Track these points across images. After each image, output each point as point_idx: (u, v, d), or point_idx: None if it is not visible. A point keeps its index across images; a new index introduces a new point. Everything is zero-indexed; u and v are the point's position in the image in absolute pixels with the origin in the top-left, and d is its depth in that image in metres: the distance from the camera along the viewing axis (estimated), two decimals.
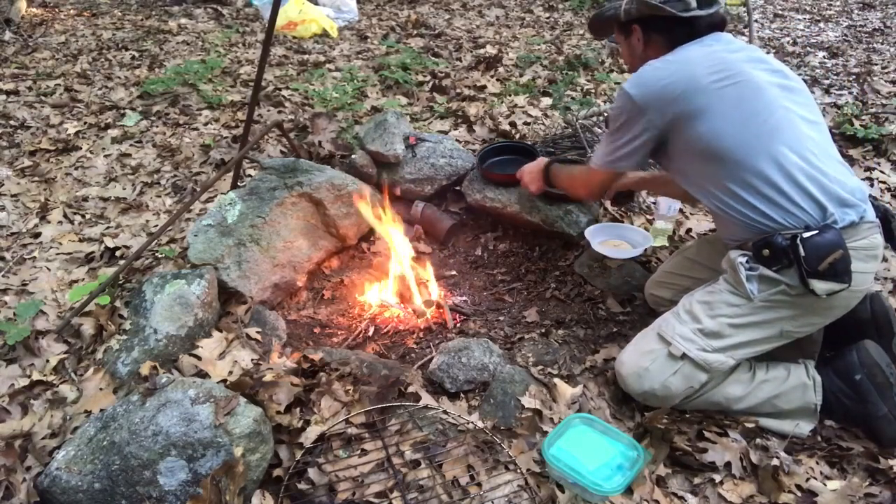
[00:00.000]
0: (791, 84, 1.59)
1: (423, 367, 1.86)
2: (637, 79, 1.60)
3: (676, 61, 1.59)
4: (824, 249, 1.40)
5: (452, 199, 2.74)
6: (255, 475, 1.42)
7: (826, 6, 6.77)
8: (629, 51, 1.80)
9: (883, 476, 1.51)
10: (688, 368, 1.55)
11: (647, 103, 1.55)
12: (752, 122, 1.50)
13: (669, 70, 1.57)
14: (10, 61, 4.55)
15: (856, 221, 1.47)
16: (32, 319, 1.96)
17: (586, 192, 1.95)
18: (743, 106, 1.51)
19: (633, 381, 1.61)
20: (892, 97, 3.89)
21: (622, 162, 1.66)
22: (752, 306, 1.52)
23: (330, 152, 2.85)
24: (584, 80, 4.20)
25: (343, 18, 5.75)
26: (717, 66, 1.54)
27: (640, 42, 1.74)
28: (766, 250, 1.48)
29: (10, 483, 1.48)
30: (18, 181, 2.90)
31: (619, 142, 1.64)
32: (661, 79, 1.56)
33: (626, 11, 1.72)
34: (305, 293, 2.31)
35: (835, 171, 1.51)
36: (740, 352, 1.56)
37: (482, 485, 1.45)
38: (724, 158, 1.51)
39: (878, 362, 1.58)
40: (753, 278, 1.51)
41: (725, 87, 1.51)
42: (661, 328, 1.62)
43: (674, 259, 2.01)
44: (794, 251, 1.43)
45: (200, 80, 4.03)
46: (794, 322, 1.54)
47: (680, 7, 1.62)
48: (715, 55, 1.58)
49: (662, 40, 1.67)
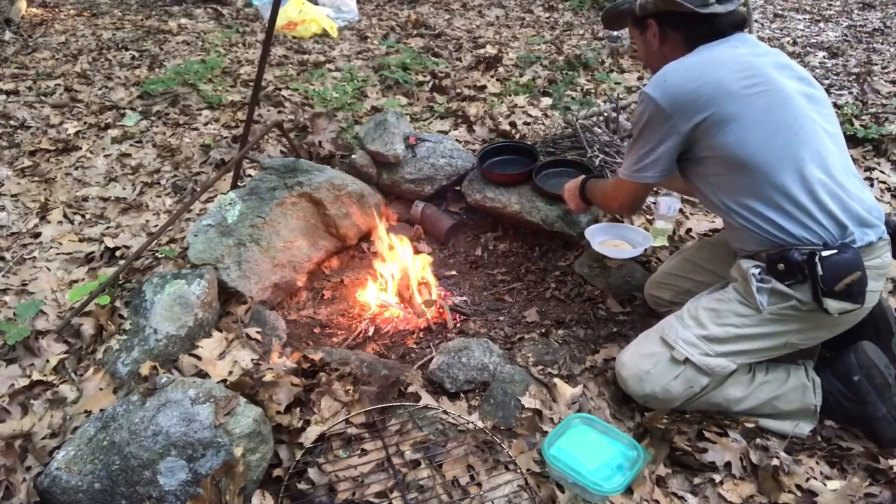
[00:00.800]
0: (816, 94, 1.54)
1: (423, 367, 1.86)
2: (661, 82, 1.51)
3: (702, 63, 1.51)
4: (843, 269, 1.38)
5: (452, 199, 2.74)
6: (255, 475, 1.42)
7: (826, 6, 6.77)
8: (644, 47, 1.71)
9: (883, 476, 1.51)
10: (689, 372, 1.55)
11: (674, 108, 1.48)
12: (781, 133, 1.45)
13: (696, 73, 1.49)
14: (10, 61, 4.55)
15: (874, 241, 1.45)
16: (32, 319, 1.96)
17: (618, 206, 1.88)
18: (773, 116, 1.45)
19: (634, 383, 1.60)
20: (892, 97, 3.89)
21: (648, 171, 1.59)
22: (760, 318, 1.51)
23: (330, 152, 2.85)
24: (584, 80, 4.20)
25: (343, 18, 5.75)
26: (746, 72, 1.47)
27: (655, 38, 1.65)
28: (781, 264, 1.45)
29: (10, 483, 1.48)
30: (18, 181, 2.90)
31: (643, 150, 1.57)
32: (687, 81, 1.48)
33: (641, 6, 1.63)
34: (305, 293, 2.31)
35: (854, 187, 1.48)
36: (742, 358, 1.57)
37: (482, 485, 1.45)
38: (749, 169, 1.45)
39: (877, 363, 1.58)
40: (764, 291, 1.48)
41: (755, 94, 1.45)
42: (664, 331, 1.61)
43: (674, 260, 2.00)
44: (810, 268, 1.40)
45: (200, 80, 4.03)
46: (800, 335, 1.54)
47: (698, 2, 1.53)
48: (742, 58, 1.50)
49: (679, 37, 1.60)
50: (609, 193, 1.86)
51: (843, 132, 3.13)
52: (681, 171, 1.65)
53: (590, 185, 2.00)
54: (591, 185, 1.99)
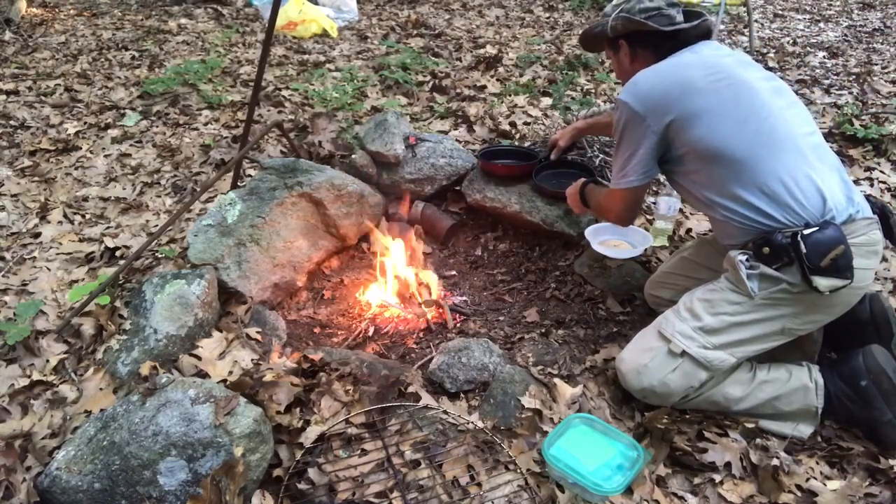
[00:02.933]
0: (781, 86, 1.63)
1: (423, 367, 1.86)
2: (633, 87, 1.61)
3: (670, 66, 1.61)
4: (825, 245, 1.41)
5: (452, 199, 2.74)
6: (255, 475, 1.42)
7: (826, 6, 6.77)
8: (618, 65, 1.82)
9: (883, 476, 1.51)
10: (688, 366, 1.55)
11: (646, 110, 1.56)
12: (750, 120, 1.51)
13: (664, 74, 1.59)
14: (10, 61, 4.55)
15: (853, 216, 1.48)
16: (32, 319, 1.96)
17: (614, 216, 1.85)
18: (740, 105, 1.52)
19: (633, 377, 1.61)
20: (892, 97, 3.89)
21: (632, 176, 1.65)
22: (753, 304, 1.52)
23: (330, 152, 2.85)
24: (584, 80, 4.20)
25: (343, 18, 5.75)
26: (711, 69, 1.56)
27: (627, 57, 1.76)
28: (765, 248, 1.48)
29: (10, 483, 1.48)
30: (18, 181, 2.90)
31: (624, 155, 1.65)
32: (656, 83, 1.58)
33: (612, 28, 1.75)
34: (305, 293, 2.31)
35: (828, 166, 1.53)
36: (741, 349, 1.56)
37: (482, 485, 1.45)
38: (724, 158, 1.52)
39: (885, 368, 1.57)
40: (754, 276, 1.51)
41: (721, 87, 1.53)
42: (661, 326, 1.63)
43: (673, 259, 2.00)
44: (794, 249, 1.43)
45: (200, 80, 4.03)
46: (796, 319, 1.54)
47: (664, 22, 1.65)
48: (707, 59, 1.61)
49: (648, 54, 1.70)
50: (603, 204, 1.90)
51: (844, 132, 3.16)
52: (665, 176, 1.74)
53: (588, 191, 2.01)
54: (590, 192, 2.00)
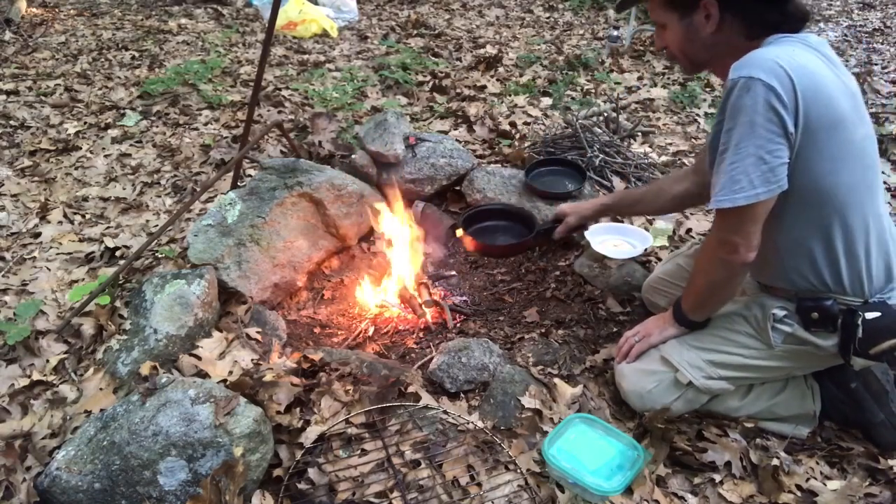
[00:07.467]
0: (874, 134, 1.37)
1: (423, 367, 1.86)
2: (774, 66, 1.16)
3: (810, 62, 1.22)
4: (884, 336, 1.30)
5: (452, 199, 2.74)
6: (255, 475, 1.42)
7: (826, 6, 6.77)
8: (684, 33, 1.34)
9: (883, 476, 1.51)
10: (691, 394, 1.56)
11: (790, 95, 1.17)
12: (869, 172, 1.30)
13: (812, 68, 1.20)
14: (10, 61, 4.55)
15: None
16: (32, 319, 1.96)
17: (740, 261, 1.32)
18: (867, 151, 1.29)
19: (635, 399, 1.61)
20: (892, 97, 3.89)
21: (761, 188, 1.20)
22: (770, 353, 1.49)
23: (330, 152, 2.85)
24: (584, 80, 4.20)
25: (343, 18, 5.75)
26: (850, 92, 1.27)
27: (709, 21, 1.30)
28: (815, 313, 1.36)
29: (10, 483, 1.48)
30: (18, 181, 2.90)
31: (750, 156, 1.19)
32: (805, 75, 1.18)
33: None
34: (305, 293, 2.31)
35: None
36: (743, 382, 1.58)
37: (482, 485, 1.45)
38: (825, 202, 1.26)
39: (873, 370, 1.57)
40: (781, 332, 1.44)
41: (858, 123, 1.25)
42: (665, 351, 1.59)
43: (668, 264, 1.95)
44: (847, 327, 1.32)
45: (200, 80, 4.03)
46: (803, 369, 1.56)
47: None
48: (842, 77, 1.28)
49: (740, 25, 1.29)
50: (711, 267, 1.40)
51: None
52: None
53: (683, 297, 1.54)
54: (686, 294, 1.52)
